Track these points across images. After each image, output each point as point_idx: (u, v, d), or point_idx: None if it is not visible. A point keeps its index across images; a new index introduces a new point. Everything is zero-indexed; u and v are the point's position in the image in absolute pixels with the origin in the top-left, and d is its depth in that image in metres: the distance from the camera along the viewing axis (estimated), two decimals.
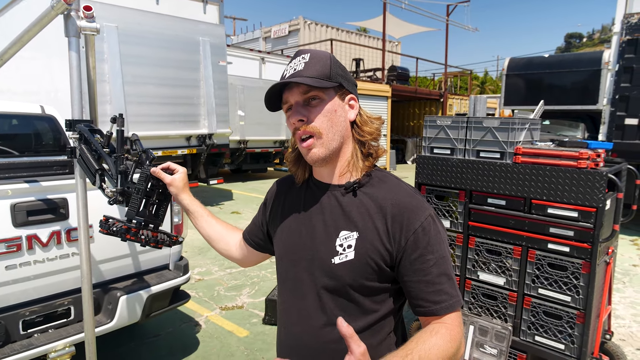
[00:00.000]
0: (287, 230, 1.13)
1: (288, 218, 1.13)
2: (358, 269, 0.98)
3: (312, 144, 1.00)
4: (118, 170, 1.58)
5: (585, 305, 2.33)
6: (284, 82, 1.00)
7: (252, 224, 1.30)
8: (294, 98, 1.02)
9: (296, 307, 1.07)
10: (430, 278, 0.96)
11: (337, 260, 1.00)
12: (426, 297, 0.96)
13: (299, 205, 1.12)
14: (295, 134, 1.03)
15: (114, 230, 1.38)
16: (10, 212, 2.09)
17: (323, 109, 1.01)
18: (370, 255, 0.98)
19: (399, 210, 0.98)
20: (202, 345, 3.25)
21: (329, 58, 1.02)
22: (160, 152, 7.21)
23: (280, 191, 1.21)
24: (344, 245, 1.00)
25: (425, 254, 0.96)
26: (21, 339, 2.17)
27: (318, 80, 0.98)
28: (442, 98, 18.59)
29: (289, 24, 22.30)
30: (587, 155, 2.31)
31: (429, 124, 2.93)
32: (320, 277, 1.02)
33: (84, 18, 1.74)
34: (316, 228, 1.05)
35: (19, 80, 6.80)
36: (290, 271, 1.09)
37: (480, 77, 43.83)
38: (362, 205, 1.01)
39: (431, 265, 0.96)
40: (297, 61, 1.02)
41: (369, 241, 0.98)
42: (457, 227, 2.79)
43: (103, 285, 2.51)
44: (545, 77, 8.83)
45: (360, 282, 0.99)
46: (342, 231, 1.01)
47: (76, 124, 1.79)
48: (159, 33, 7.00)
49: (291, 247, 1.10)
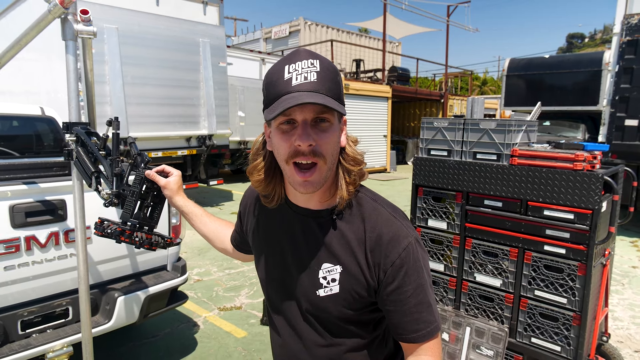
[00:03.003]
0: (265, 256, 1.09)
1: (264, 242, 1.09)
2: (343, 302, 0.97)
3: (312, 175, 0.88)
4: (113, 173, 1.60)
5: (582, 307, 2.33)
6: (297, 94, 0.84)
7: (234, 232, 1.28)
8: (303, 115, 0.86)
9: (289, 327, 1.07)
10: (407, 308, 0.94)
11: (322, 292, 0.98)
12: (404, 327, 0.95)
13: (274, 229, 1.06)
14: (292, 155, 0.88)
15: (108, 232, 1.39)
16: (9, 213, 2.11)
17: (332, 134, 0.89)
18: (355, 289, 0.96)
19: (376, 243, 0.94)
20: (200, 346, 3.26)
21: (337, 73, 0.91)
22: (160, 153, 7.23)
23: (250, 208, 1.15)
24: (328, 278, 0.97)
25: (402, 285, 0.94)
26: (19, 339, 2.18)
27: (335, 102, 0.86)
28: (443, 99, 18.59)
29: (289, 24, 22.32)
30: (583, 157, 2.32)
31: (426, 126, 2.94)
32: (306, 305, 1.01)
33: (81, 22, 1.75)
34: (296, 257, 1.01)
35: (19, 81, 6.83)
36: (275, 295, 1.08)
37: (480, 78, 43.80)
38: (343, 237, 0.96)
39: (409, 296, 0.94)
40: (305, 66, 0.86)
41: (352, 275, 0.96)
42: (453, 229, 2.80)
43: (101, 285, 2.52)
44: (545, 78, 8.83)
45: (346, 313, 0.98)
46: (324, 263, 0.98)
47: (73, 127, 1.80)
48: (159, 34, 7.02)
49: (272, 273, 1.07)
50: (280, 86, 0.86)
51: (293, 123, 0.87)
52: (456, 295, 2.82)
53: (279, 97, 0.86)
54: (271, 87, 0.88)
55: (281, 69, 0.87)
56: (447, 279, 2.84)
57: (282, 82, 0.86)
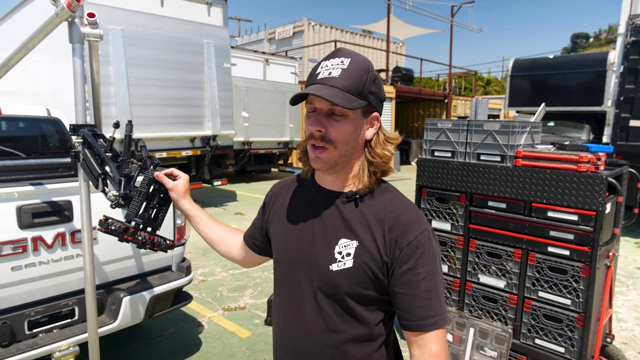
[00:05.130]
0: (285, 234, 1.12)
1: (287, 221, 1.13)
2: (355, 277, 0.99)
3: (322, 153, 0.99)
4: (122, 174, 1.61)
5: (585, 308, 2.33)
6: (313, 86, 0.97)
7: (252, 227, 1.31)
8: (319, 104, 0.98)
9: (293, 310, 1.08)
10: (418, 292, 0.96)
11: (335, 267, 1.00)
12: (413, 312, 0.97)
13: (299, 209, 1.11)
14: (308, 137, 1.02)
15: (112, 229, 1.41)
16: (16, 214, 2.13)
17: (345, 125, 0.98)
18: (368, 264, 0.98)
19: (396, 222, 0.99)
20: (205, 346, 3.28)
21: (367, 72, 0.98)
22: (165, 154, 7.26)
23: (279, 194, 1.20)
24: (343, 253, 1.00)
25: (416, 266, 0.97)
26: (26, 339, 2.20)
27: (348, 97, 0.95)
28: (447, 99, 18.56)
29: (293, 25, 22.34)
30: (587, 158, 2.32)
31: (430, 127, 2.94)
32: (317, 282, 1.03)
33: (88, 24, 1.77)
34: (315, 233, 1.05)
35: (24, 82, 6.87)
36: (288, 274, 1.10)
37: (485, 78, 43.67)
38: (362, 215, 1.02)
39: (421, 279, 0.96)
40: (335, 63, 0.98)
41: (367, 250, 0.99)
42: (457, 230, 2.80)
43: (107, 286, 2.54)
44: (550, 78, 8.80)
45: (357, 291, 1.00)
46: (341, 239, 1.01)
47: (80, 129, 1.82)
48: (164, 35, 7.05)
49: (289, 250, 1.10)
50: (310, 78, 1.00)
51: (316, 110, 1.00)
52: (460, 296, 2.82)
53: (307, 87, 0.99)
54: (308, 79, 1.02)
55: (319, 65, 1.01)
56: (451, 280, 2.85)
57: (313, 75, 1.00)
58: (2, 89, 6.34)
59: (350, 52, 1.00)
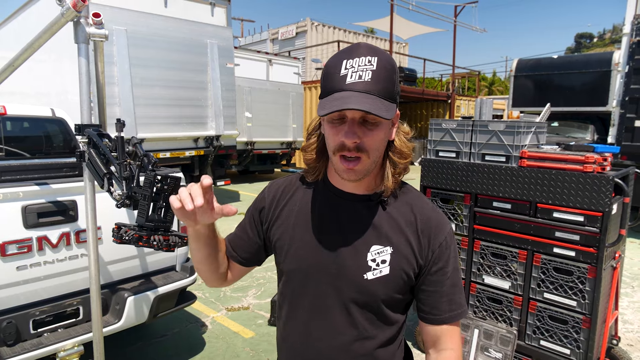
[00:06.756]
0: (299, 242, 1.03)
1: (299, 228, 1.03)
2: (392, 284, 0.98)
3: (357, 165, 0.92)
4: (122, 177, 1.61)
5: (591, 310, 2.31)
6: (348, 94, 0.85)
7: (237, 239, 1.14)
8: (352, 113, 0.88)
9: (318, 322, 1.02)
10: (445, 289, 1.00)
11: (371, 275, 0.97)
12: (440, 307, 1.00)
13: (314, 214, 1.03)
14: (338, 148, 0.91)
15: (126, 239, 1.42)
16: (22, 213, 2.14)
17: (379, 133, 0.91)
18: (405, 269, 0.98)
19: (426, 225, 1.00)
20: (208, 346, 3.28)
21: (395, 71, 0.91)
22: (169, 154, 7.28)
23: (279, 198, 1.08)
24: (377, 260, 0.97)
25: (445, 266, 1.00)
26: (31, 338, 2.21)
27: (386, 105, 0.87)
28: (450, 99, 18.52)
29: (296, 25, 22.36)
30: (593, 159, 2.30)
31: (434, 127, 2.93)
32: (348, 292, 0.98)
33: (93, 25, 1.77)
34: (340, 241, 0.99)
35: (29, 82, 6.90)
36: (309, 286, 1.02)
37: (488, 78, 43.56)
38: (392, 219, 0.99)
39: (447, 277, 1.00)
40: (362, 64, 0.87)
41: (403, 256, 0.98)
42: (462, 231, 2.79)
43: (111, 285, 2.55)
44: (554, 78, 8.76)
45: (392, 296, 0.99)
46: (373, 245, 0.98)
47: (85, 129, 1.83)
48: (167, 36, 7.07)
49: (307, 259, 1.01)
50: (335, 81, 0.88)
51: (343, 118, 0.90)
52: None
53: (333, 92, 0.88)
54: (328, 79, 0.90)
55: (339, 63, 0.89)
56: None
57: (338, 78, 0.88)
58: (7, 89, 6.36)
59: (374, 48, 0.90)
